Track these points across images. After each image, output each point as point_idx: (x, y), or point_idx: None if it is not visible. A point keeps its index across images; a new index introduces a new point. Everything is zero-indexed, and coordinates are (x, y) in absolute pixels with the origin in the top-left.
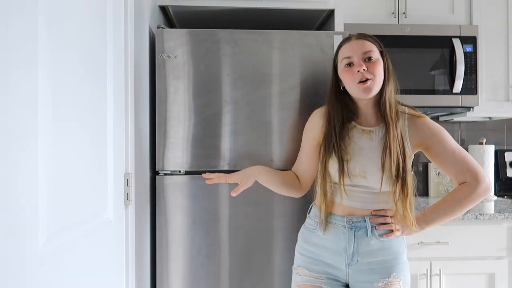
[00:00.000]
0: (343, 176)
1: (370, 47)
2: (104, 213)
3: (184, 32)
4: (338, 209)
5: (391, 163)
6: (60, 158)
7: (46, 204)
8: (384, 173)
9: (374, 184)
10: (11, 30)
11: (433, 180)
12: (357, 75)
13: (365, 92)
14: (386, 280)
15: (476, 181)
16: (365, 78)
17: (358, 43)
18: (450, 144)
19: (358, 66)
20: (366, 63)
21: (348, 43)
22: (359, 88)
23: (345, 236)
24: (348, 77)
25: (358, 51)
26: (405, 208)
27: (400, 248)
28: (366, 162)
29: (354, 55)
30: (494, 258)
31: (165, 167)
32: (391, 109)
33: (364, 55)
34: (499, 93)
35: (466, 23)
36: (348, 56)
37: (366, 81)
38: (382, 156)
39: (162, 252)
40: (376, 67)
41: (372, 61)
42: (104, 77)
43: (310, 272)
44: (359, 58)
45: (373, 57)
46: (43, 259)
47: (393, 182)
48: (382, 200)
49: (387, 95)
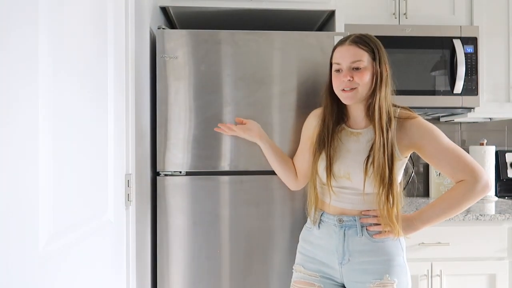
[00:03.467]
0: (330, 176)
1: (360, 56)
2: (105, 213)
3: (185, 33)
4: (329, 208)
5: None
6: (61, 159)
7: (47, 205)
8: (367, 176)
9: (359, 186)
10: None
11: (434, 181)
12: (342, 83)
13: (346, 100)
14: (378, 281)
15: (473, 179)
16: (348, 87)
17: (349, 51)
18: (443, 142)
19: (344, 75)
20: (353, 72)
21: (340, 48)
22: (342, 95)
23: (336, 234)
24: (335, 82)
25: (347, 60)
26: (391, 218)
27: (395, 250)
28: (350, 164)
29: (343, 63)
30: (495, 259)
31: (165, 168)
32: (381, 117)
33: (352, 64)
34: (499, 94)
35: (466, 24)
36: (337, 62)
37: (350, 90)
38: (366, 159)
39: (162, 253)
40: (363, 76)
41: (359, 71)
42: (105, 78)
43: (305, 269)
44: (347, 67)
45: (361, 67)
46: (44, 260)
47: (378, 187)
48: (369, 200)
49: (378, 102)
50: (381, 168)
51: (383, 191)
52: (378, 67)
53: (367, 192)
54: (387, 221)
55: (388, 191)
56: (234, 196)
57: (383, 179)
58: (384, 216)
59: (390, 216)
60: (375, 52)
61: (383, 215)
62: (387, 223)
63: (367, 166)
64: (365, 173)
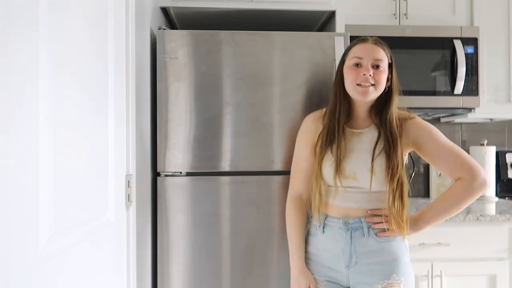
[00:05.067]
0: (338, 174)
1: (382, 56)
2: (105, 214)
3: (185, 33)
4: (334, 210)
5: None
6: (61, 159)
7: (47, 205)
8: (374, 174)
9: (365, 185)
10: (12, 39)
11: (434, 181)
12: (360, 77)
13: (362, 94)
14: (385, 282)
15: (471, 176)
16: (368, 83)
17: (373, 48)
18: (441, 141)
19: (365, 69)
20: (373, 69)
21: (363, 44)
22: (357, 89)
23: (342, 237)
24: (352, 75)
25: (370, 56)
26: (401, 216)
27: (400, 250)
28: (355, 163)
29: (365, 58)
30: (495, 259)
31: (166, 168)
32: (396, 123)
33: (375, 61)
34: (500, 94)
35: (467, 24)
36: (359, 56)
37: (367, 87)
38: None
39: (163, 253)
40: (382, 76)
41: (380, 70)
42: (105, 79)
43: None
44: (368, 62)
45: (381, 66)
46: (44, 260)
47: (389, 186)
48: (376, 199)
49: (393, 110)
50: (397, 171)
51: (396, 190)
52: (393, 73)
53: (374, 190)
54: (396, 220)
55: (401, 188)
56: (235, 197)
57: (395, 177)
58: (394, 215)
59: (400, 215)
60: (392, 58)
61: (393, 214)
62: (397, 222)
63: (374, 164)
64: (372, 172)
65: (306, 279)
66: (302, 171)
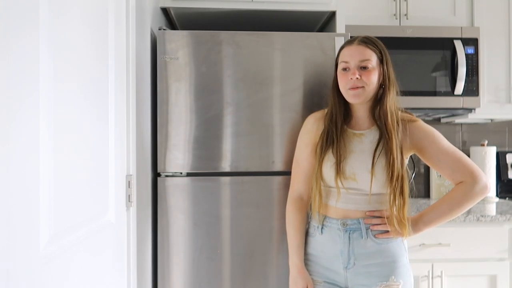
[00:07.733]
0: (339, 175)
1: (368, 55)
2: (106, 214)
3: (186, 34)
4: (333, 212)
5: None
6: (61, 160)
7: (48, 206)
8: (374, 176)
9: (365, 187)
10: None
11: (435, 182)
12: (349, 81)
13: (353, 98)
14: (384, 284)
15: (472, 180)
16: (356, 86)
17: (358, 50)
18: (443, 144)
19: (352, 73)
20: (361, 71)
21: (348, 47)
22: (349, 93)
23: (340, 238)
24: (342, 80)
25: (355, 58)
26: (403, 217)
27: (399, 251)
28: (356, 164)
29: (351, 61)
30: (495, 260)
31: (166, 168)
32: (392, 119)
33: (361, 63)
34: (500, 95)
35: (467, 24)
36: (345, 60)
37: (357, 89)
38: (373, 158)
39: (163, 254)
40: (370, 76)
41: (367, 70)
42: (105, 79)
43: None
44: (355, 65)
45: (369, 66)
46: (44, 260)
47: (389, 186)
48: (375, 201)
49: (388, 104)
50: (395, 168)
51: (397, 188)
52: (385, 68)
53: (374, 192)
54: (397, 218)
55: (401, 186)
56: (235, 197)
57: (396, 178)
58: (394, 216)
59: (402, 212)
60: (382, 53)
61: (393, 215)
62: (398, 220)
63: (375, 165)
64: (372, 174)
65: (303, 280)
66: (303, 171)
